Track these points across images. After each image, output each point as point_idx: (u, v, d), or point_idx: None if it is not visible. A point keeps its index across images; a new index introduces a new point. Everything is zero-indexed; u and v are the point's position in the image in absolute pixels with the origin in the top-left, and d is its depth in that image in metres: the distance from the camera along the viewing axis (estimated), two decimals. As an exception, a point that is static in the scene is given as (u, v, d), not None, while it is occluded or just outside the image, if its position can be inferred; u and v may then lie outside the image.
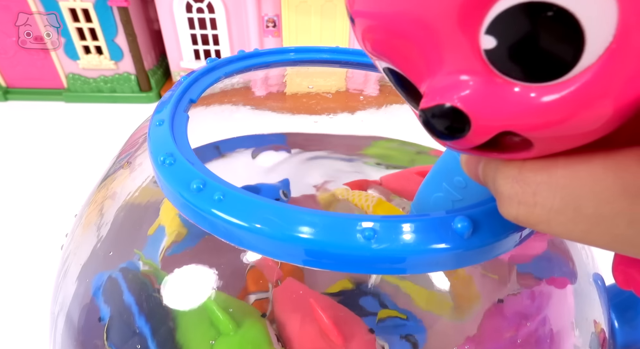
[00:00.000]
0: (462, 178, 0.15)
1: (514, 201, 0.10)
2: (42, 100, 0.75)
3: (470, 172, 0.13)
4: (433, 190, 0.17)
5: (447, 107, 0.09)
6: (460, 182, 0.15)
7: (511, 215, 0.11)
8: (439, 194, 0.17)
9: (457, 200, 0.16)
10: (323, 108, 0.33)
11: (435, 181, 0.17)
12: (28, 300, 0.41)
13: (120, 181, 0.25)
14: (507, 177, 0.11)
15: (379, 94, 0.33)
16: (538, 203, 0.10)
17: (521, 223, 0.11)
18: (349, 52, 0.28)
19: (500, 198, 0.11)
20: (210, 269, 0.21)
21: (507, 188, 0.11)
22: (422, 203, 0.18)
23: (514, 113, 0.09)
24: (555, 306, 0.21)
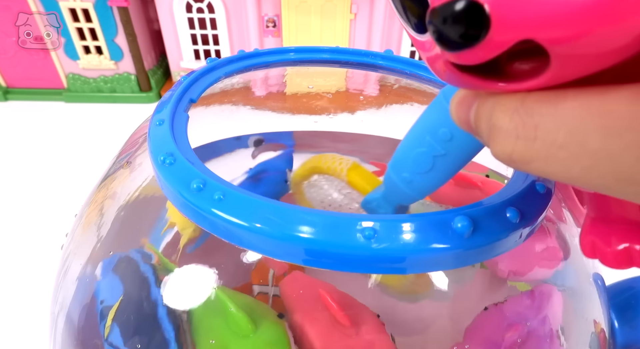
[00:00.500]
0: (448, 129, 0.15)
1: (512, 135, 0.10)
2: (42, 100, 0.75)
3: (460, 118, 0.13)
4: (414, 145, 0.16)
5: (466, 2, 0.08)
6: (445, 134, 0.15)
7: (505, 152, 0.10)
8: (420, 149, 0.16)
9: (440, 155, 0.15)
10: (323, 108, 0.33)
11: (418, 135, 0.16)
12: (28, 300, 0.41)
13: (120, 181, 0.25)
14: (507, 109, 0.10)
15: (379, 94, 0.33)
16: (539, 137, 0.09)
17: (515, 161, 0.10)
18: (349, 52, 0.29)
19: (496, 134, 0.10)
20: (220, 267, 0.21)
21: (505, 121, 0.10)
22: (400, 160, 0.17)
23: (543, 14, 0.08)
24: (541, 314, 0.21)
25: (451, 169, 0.16)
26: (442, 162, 0.15)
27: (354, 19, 0.69)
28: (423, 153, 0.16)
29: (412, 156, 0.16)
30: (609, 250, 0.15)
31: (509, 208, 0.15)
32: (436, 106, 0.15)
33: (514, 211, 0.15)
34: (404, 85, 0.30)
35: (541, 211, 0.16)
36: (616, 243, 0.15)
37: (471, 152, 0.15)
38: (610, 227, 0.15)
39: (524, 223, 0.15)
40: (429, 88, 0.28)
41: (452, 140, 0.15)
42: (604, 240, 0.15)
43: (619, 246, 0.14)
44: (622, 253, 0.14)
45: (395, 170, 0.17)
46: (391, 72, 0.29)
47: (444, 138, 0.15)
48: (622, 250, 0.14)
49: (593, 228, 0.16)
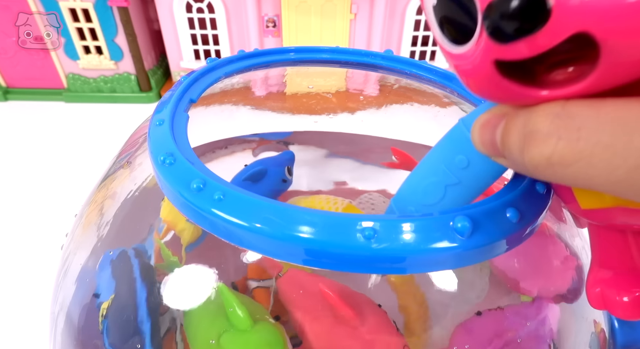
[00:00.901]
0: (465, 156, 0.15)
1: (554, 136, 0.10)
2: (42, 100, 0.75)
3: (483, 140, 0.13)
4: (426, 175, 0.16)
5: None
6: (462, 162, 0.15)
7: (545, 154, 0.10)
8: (432, 179, 0.16)
9: (452, 184, 0.15)
10: (323, 108, 0.33)
11: (432, 165, 0.16)
12: (28, 300, 0.41)
13: (120, 181, 0.25)
14: (547, 114, 0.10)
15: (379, 94, 0.33)
16: (582, 138, 0.09)
17: (553, 164, 0.10)
18: (349, 52, 0.28)
19: (534, 138, 0.10)
20: (219, 263, 0.21)
21: (546, 124, 0.10)
22: (408, 193, 0.17)
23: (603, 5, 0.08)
24: (535, 326, 0.21)
25: (460, 201, 0.16)
26: (453, 191, 0.15)
27: (354, 19, 0.69)
28: (435, 183, 0.16)
29: (423, 186, 0.16)
30: (618, 300, 0.14)
31: (509, 208, 0.15)
32: (454, 134, 0.15)
33: (514, 211, 0.15)
34: (404, 85, 0.30)
35: (541, 211, 0.16)
36: (625, 292, 0.14)
37: (485, 180, 0.15)
38: (618, 275, 0.15)
39: (524, 223, 0.15)
40: (429, 88, 0.28)
41: (468, 168, 0.15)
42: (612, 290, 0.14)
43: (629, 296, 0.14)
44: (632, 303, 0.14)
45: (399, 204, 0.17)
46: (391, 72, 0.29)
47: (460, 166, 0.15)
48: (632, 300, 0.14)
49: (599, 277, 0.15)
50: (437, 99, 0.29)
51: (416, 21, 0.70)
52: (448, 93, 0.27)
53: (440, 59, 0.75)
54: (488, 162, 0.13)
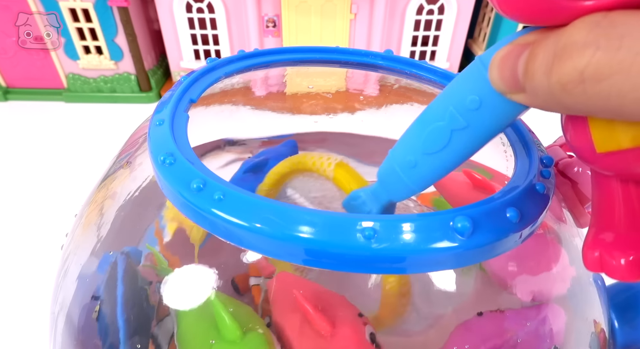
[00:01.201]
0: (478, 96, 0.14)
1: (592, 46, 0.09)
2: (42, 100, 0.75)
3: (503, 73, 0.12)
4: (431, 120, 0.15)
5: None
6: (473, 102, 0.14)
7: (578, 67, 0.09)
8: (438, 123, 0.15)
9: (460, 128, 0.14)
10: (323, 108, 0.33)
11: (439, 107, 0.15)
12: (28, 300, 0.41)
13: (120, 181, 0.25)
14: (586, 24, 0.10)
15: (379, 94, 0.33)
16: (624, 47, 0.09)
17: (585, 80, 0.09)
18: (349, 52, 0.28)
19: (568, 51, 0.10)
20: (212, 268, 0.21)
21: (583, 34, 0.09)
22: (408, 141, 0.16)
23: None
24: (538, 331, 0.21)
25: (465, 149, 0.15)
26: (459, 137, 0.14)
27: (354, 19, 0.69)
28: (440, 128, 0.15)
29: (427, 132, 0.15)
30: (615, 263, 0.14)
31: (509, 208, 0.15)
32: (468, 73, 0.14)
33: (514, 211, 0.15)
34: (404, 85, 0.30)
35: (541, 211, 0.16)
36: (624, 254, 0.14)
37: (494, 125, 0.14)
38: (616, 237, 0.14)
39: (524, 223, 0.15)
40: (429, 88, 0.28)
41: (479, 109, 0.14)
42: (610, 252, 0.14)
43: (627, 257, 0.14)
44: (631, 265, 0.14)
45: (397, 154, 0.17)
46: (391, 72, 0.29)
47: (471, 107, 0.14)
48: (631, 261, 0.14)
49: (597, 239, 0.15)
50: (437, 99, 0.29)
51: (416, 21, 0.70)
52: (448, 93, 0.27)
53: (440, 59, 0.75)
54: (502, 101, 0.13)
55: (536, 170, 0.18)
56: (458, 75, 0.15)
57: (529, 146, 0.20)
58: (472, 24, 0.76)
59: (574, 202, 0.23)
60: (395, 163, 0.17)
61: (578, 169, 0.23)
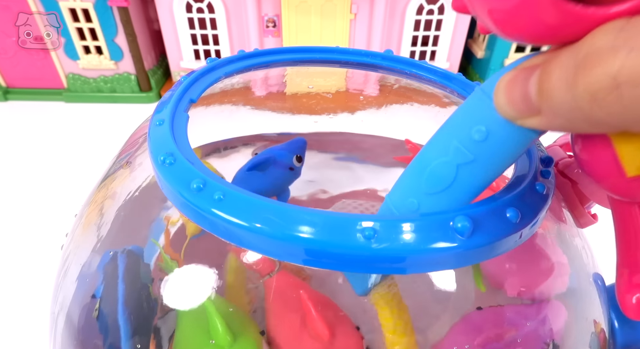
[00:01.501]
0: (485, 125, 0.12)
1: (623, 49, 0.08)
2: (42, 100, 0.75)
3: (512, 97, 0.11)
4: (433, 156, 0.14)
5: None
6: (479, 133, 0.13)
7: (610, 72, 0.09)
8: (441, 159, 0.14)
9: (466, 162, 0.13)
10: (323, 108, 0.33)
11: (441, 142, 0.14)
12: (28, 300, 0.41)
13: (120, 181, 0.25)
14: (609, 30, 0.09)
15: (379, 94, 0.33)
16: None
17: (620, 84, 0.09)
18: (349, 52, 0.28)
19: (595, 58, 0.09)
20: (211, 268, 0.21)
21: (608, 40, 0.09)
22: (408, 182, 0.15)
23: None
24: (532, 329, 0.21)
25: (473, 186, 0.14)
26: (467, 172, 0.13)
27: (354, 19, 0.69)
28: (444, 164, 0.14)
29: (429, 170, 0.14)
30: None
31: (509, 208, 0.15)
32: (470, 104, 0.13)
33: (514, 211, 0.15)
34: (404, 85, 0.30)
35: (541, 211, 0.16)
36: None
37: (505, 156, 0.13)
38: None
39: (524, 223, 0.15)
40: (429, 88, 0.28)
41: (487, 140, 0.13)
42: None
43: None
44: None
45: (397, 198, 0.15)
46: (391, 72, 0.29)
47: (477, 139, 0.13)
48: None
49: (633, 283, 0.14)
50: (437, 99, 0.29)
51: (416, 21, 0.70)
52: (448, 93, 0.27)
53: (440, 59, 0.75)
54: (511, 129, 0.12)
55: (536, 170, 0.18)
56: (458, 108, 0.14)
57: (529, 146, 0.20)
58: (472, 24, 0.76)
59: (574, 202, 0.23)
60: (395, 207, 0.15)
61: (578, 169, 0.22)
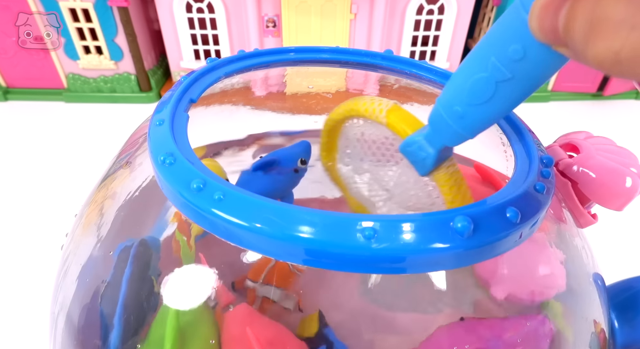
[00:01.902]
0: (521, 45, 0.13)
1: (626, 25, 0.08)
2: (42, 100, 0.75)
3: (543, 24, 0.11)
4: (474, 71, 0.14)
5: None
6: (516, 52, 0.13)
7: (613, 48, 0.09)
8: (480, 75, 0.14)
9: (505, 79, 0.13)
10: (323, 108, 0.33)
11: (480, 58, 0.14)
12: (28, 300, 0.41)
13: (120, 181, 0.25)
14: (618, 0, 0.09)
15: (379, 94, 0.33)
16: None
17: (621, 61, 0.09)
18: (349, 52, 0.29)
19: (603, 28, 0.09)
20: (220, 265, 0.21)
21: (618, 11, 0.09)
22: (453, 91, 0.15)
23: None
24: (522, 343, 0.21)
25: (512, 99, 0.14)
26: (505, 88, 0.14)
27: (354, 19, 0.69)
28: (484, 79, 0.14)
29: (470, 84, 0.14)
30: None
31: (509, 208, 0.15)
32: (508, 19, 0.13)
33: (514, 211, 0.15)
34: (404, 85, 0.30)
35: (541, 211, 0.16)
36: None
37: (541, 75, 0.13)
38: None
39: (524, 223, 0.15)
40: (429, 88, 0.28)
41: (523, 59, 0.13)
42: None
43: None
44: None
45: (445, 104, 0.16)
46: (391, 72, 0.29)
47: (514, 58, 0.13)
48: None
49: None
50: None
51: (416, 21, 0.70)
52: (448, 93, 0.27)
53: (440, 59, 0.75)
54: (547, 52, 0.12)
55: (536, 170, 0.18)
56: (499, 19, 0.14)
57: (529, 146, 0.20)
58: (472, 24, 0.76)
59: (574, 202, 0.23)
60: (444, 111, 0.16)
61: (578, 169, 0.23)
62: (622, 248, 0.47)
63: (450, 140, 0.17)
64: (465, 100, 0.15)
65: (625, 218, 0.34)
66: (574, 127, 0.26)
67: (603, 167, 0.22)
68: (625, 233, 0.48)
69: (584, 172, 0.22)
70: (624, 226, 0.47)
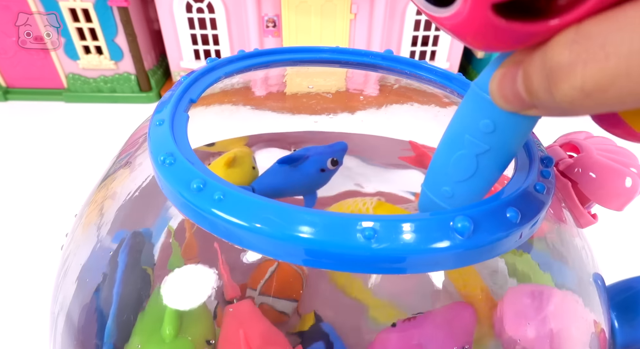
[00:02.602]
0: (490, 119, 0.13)
1: (578, 64, 0.09)
2: (42, 100, 0.75)
3: (505, 93, 0.12)
4: (452, 150, 0.15)
5: None
6: (487, 126, 0.14)
7: (576, 86, 0.09)
8: (459, 152, 0.15)
9: (483, 151, 0.14)
10: (323, 108, 0.33)
11: (454, 138, 0.15)
12: (28, 300, 0.41)
13: (120, 181, 0.25)
14: (562, 44, 0.09)
15: (379, 94, 0.33)
16: (611, 53, 0.08)
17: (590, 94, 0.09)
18: (349, 52, 0.28)
19: (559, 73, 0.10)
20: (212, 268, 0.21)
21: (565, 55, 0.09)
22: (436, 173, 0.16)
23: None
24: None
25: (496, 167, 0.15)
26: (486, 159, 0.15)
27: (354, 19, 0.69)
28: (464, 156, 0.15)
29: (452, 162, 0.15)
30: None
31: (509, 208, 0.15)
32: (470, 101, 0.14)
33: (514, 211, 0.15)
34: (404, 85, 0.30)
35: (541, 211, 0.16)
36: None
37: (517, 140, 0.14)
38: None
39: (524, 223, 0.15)
40: (429, 88, 0.28)
41: (495, 131, 0.14)
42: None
43: None
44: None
45: (431, 187, 0.16)
46: (391, 72, 0.29)
47: (486, 131, 0.14)
48: None
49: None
50: (437, 99, 0.29)
51: (416, 21, 0.70)
52: (448, 93, 0.27)
53: (440, 59, 0.75)
54: (516, 119, 0.13)
55: (536, 170, 0.18)
56: (460, 105, 0.15)
57: (529, 146, 0.20)
58: (472, 24, 0.76)
59: (574, 202, 0.23)
60: (433, 194, 0.16)
61: (578, 169, 0.23)
62: (622, 248, 0.47)
63: None
64: (452, 178, 0.16)
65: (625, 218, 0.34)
66: (574, 127, 0.26)
67: (603, 167, 0.22)
68: (625, 233, 0.48)
69: (584, 172, 0.22)
70: (624, 226, 0.47)
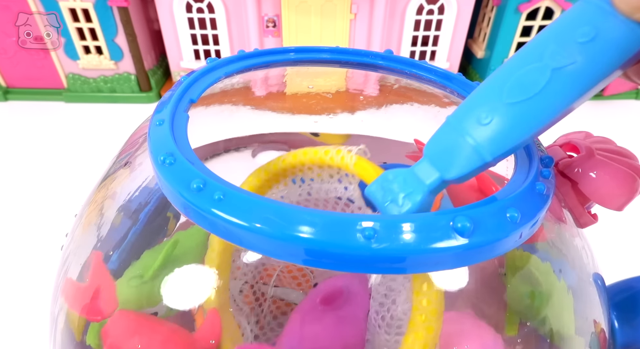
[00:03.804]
0: (593, 26, 0.11)
1: None
2: (42, 100, 0.75)
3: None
4: (523, 63, 0.13)
5: None
6: (586, 33, 0.12)
7: None
8: (533, 65, 0.12)
9: (563, 65, 0.12)
10: (323, 108, 0.33)
11: (532, 50, 0.13)
12: (28, 300, 0.41)
13: (120, 181, 0.25)
14: None
15: (379, 94, 0.33)
16: None
17: None
18: (349, 52, 0.28)
19: None
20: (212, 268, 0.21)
21: None
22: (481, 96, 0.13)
23: None
24: None
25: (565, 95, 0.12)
26: (561, 78, 0.12)
27: (354, 19, 0.69)
28: (536, 69, 0.12)
29: (515, 78, 0.12)
30: None
31: (509, 208, 0.15)
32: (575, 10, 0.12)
33: (514, 211, 0.15)
34: (404, 85, 0.30)
35: (541, 211, 0.16)
36: None
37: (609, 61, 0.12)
38: None
39: (524, 223, 0.15)
40: (429, 88, 0.28)
41: (593, 40, 0.12)
42: None
43: None
44: None
45: (463, 115, 0.13)
46: (391, 72, 0.29)
47: (582, 40, 0.12)
48: None
49: None
50: (437, 99, 0.29)
51: (416, 21, 0.70)
52: (448, 93, 0.27)
53: (440, 59, 0.75)
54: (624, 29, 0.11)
55: (536, 170, 0.18)
56: (560, 15, 0.13)
57: (529, 146, 0.20)
58: (472, 24, 0.76)
59: (574, 202, 0.23)
60: (458, 122, 0.14)
61: (578, 169, 0.23)
62: (622, 248, 0.47)
63: (456, 165, 0.14)
64: (504, 97, 0.13)
65: (625, 218, 0.34)
66: (574, 127, 0.26)
67: (603, 167, 0.22)
68: (625, 233, 0.48)
69: (584, 172, 0.22)
70: (624, 226, 0.47)
